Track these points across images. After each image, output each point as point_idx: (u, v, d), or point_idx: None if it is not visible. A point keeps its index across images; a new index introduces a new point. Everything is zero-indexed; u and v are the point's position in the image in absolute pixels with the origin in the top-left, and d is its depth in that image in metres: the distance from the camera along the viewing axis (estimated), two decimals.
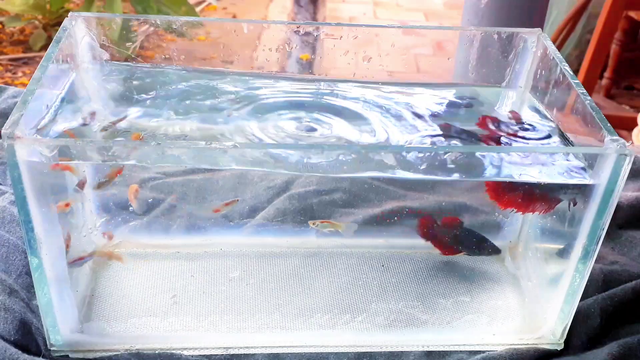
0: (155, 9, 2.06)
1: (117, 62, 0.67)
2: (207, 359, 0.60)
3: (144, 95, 0.64)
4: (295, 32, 0.66)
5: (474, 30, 0.69)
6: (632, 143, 1.61)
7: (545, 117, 0.64)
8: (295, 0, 2.97)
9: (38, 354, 0.58)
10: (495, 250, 0.70)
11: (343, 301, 0.67)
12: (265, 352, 0.61)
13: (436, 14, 3.02)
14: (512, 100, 0.69)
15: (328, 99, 0.66)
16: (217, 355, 0.61)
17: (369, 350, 0.62)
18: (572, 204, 0.59)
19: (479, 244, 0.69)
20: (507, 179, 0.58)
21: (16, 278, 0.64)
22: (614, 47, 2.22)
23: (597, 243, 0.57)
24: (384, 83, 0.68)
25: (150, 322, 0.63)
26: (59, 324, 0.58)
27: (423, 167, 0.54)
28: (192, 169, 0.74)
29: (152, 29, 0.66)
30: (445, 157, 0.53)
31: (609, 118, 0.57)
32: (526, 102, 0.68)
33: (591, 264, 0.58)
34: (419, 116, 0.64)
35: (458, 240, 0.69)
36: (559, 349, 0.63)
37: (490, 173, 0.56)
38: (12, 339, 0.57)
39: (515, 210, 0.63)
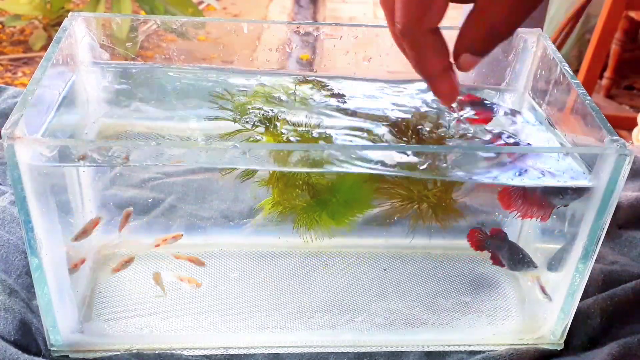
0: (163, 10, 2.06)
1: (117, 62, 0.66)
2: (207, 359, 0.60)
3: (144, 95, 0.64)
4: (295, 32, 0.66)
5: None
6: (632, 143, 1.61)
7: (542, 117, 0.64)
8: (295, 0, 2.97)
9: (38, 354, 0.58)
10: (533, 265, 0.67)
11: (343, 301, 0.67)
12: (265, 352, 0.61)
13: None
14: (512, 100, 0.69)
15: None
16: (217, 355, 0.61)
17: (369, 350, 0.62)
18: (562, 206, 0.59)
19: (520, 258, 0.67)
20: (507, 179, 0.58)
21: (16, 278, 0.64)
22: (614, 47, 2.22)
23: (597, 243, 0.57)
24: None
25: (150, 322, 0.63)
26: (59, 324, 0.58)
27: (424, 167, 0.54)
28: (192, 169, 0.74)
29: (152, 28, 0.66)
30: (446, 157, 0.53)
31: (609, 118, 0.57)
32: (526, 102, 0.68)
33: (591, 264, 0.58)
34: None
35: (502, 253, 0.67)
36: (559, 349, 0.63)
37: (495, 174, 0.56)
38: (12, 339, 0.57)
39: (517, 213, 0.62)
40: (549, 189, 0.58)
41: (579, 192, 0.57)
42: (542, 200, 0.59)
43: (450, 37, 0.49)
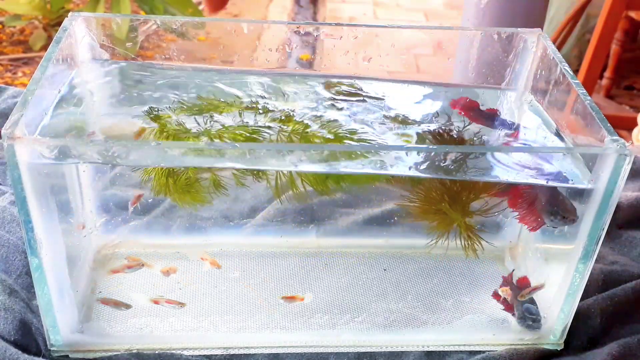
0: (162, 10, 2.06)
1: (117, 62, 0.67)
2: (207, 359, 0.60)
3: (144, 95, 0.64)
4: (295, 32, 0.66)
5: (474, 30, 0.69)
6: (632, 143, 1.61)
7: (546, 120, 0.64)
8: (295, 0, 2.97)
9: (38, 354, 0.58)
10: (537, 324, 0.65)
11: (343, 301, 0.67)
12: (265, 352, 0.61)
13: (436, 14, 3.02)
14: (512, 100, 0.69)
15: None
16: (217, 355, 0.61)
17: (369, 350, 0.62)
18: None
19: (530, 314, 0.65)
20: (505, 179, 0.58)
21: (16, 278, 0.64)
22: (614, 47, 2.22)
23: (597, 243, 0.57)
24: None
25: (150, 322, 0.63)
26: (59, 324, 0.58)
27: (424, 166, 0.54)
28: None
29: (152, 28, 0.66)
30: (445, 156, 0.53)
31: (609, 118, 0.57)
32: (526, 102, 0.68)
33: (591, 264, 0.58)
34: None
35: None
36: (559, 349, 0.63)
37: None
38: (12, 339, 0.57)
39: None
40: (545, 209, 0.58)
41: (566, 220, 0.58)
42: (540, 214, 0.60)
43: (449, 37, 0.50)
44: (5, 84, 1.67)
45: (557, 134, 0.62)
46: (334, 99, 0.65)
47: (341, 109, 0.64)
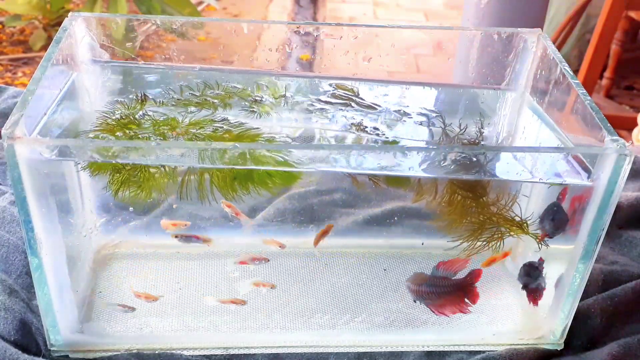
0: (159, 10, 2.06)
1: (117, 62, 0.67)
2: (207, 359, 0.60)
3: (143, 95, 0.64)
4: (295, 32, 0.66)
5: (474, 30, 0.69)
6: (632, 143, 1.61)
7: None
8: (295, 0, 2.97)
9: (38, 354, 0.58)
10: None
11: (343, 301, 0.67)
12: (265, 352, 0.61)
13: (436, 14, 3.02)
14: (512, 100, 0.69)
15: None
16: (217, 355, 0.61)
17: (369, 350, 0.62)
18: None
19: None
20: (506, 178, 0.58)
21: (16, 278, 0.64)
22: (614, 47, 2.22)
23: (597, 243, 0.57)
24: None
25: (150, 322, 0.63)
26: (59, 324, 0.58)
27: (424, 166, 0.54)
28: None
29: (152, 29, 0.66)
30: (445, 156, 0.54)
31: (609, 118, 0.57)
32: (526, 102, 0.68)
33: (591, 264, 0.58)
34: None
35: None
36: (559, 349, 0.63)
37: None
38: (12, 339, 0.57)
39: None
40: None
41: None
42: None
43: (449, 37, 0.50)
44: (5, 84, 1.67)
45: None
46: (319, 100, 0.66)
47: (311, 112, 0.65)
